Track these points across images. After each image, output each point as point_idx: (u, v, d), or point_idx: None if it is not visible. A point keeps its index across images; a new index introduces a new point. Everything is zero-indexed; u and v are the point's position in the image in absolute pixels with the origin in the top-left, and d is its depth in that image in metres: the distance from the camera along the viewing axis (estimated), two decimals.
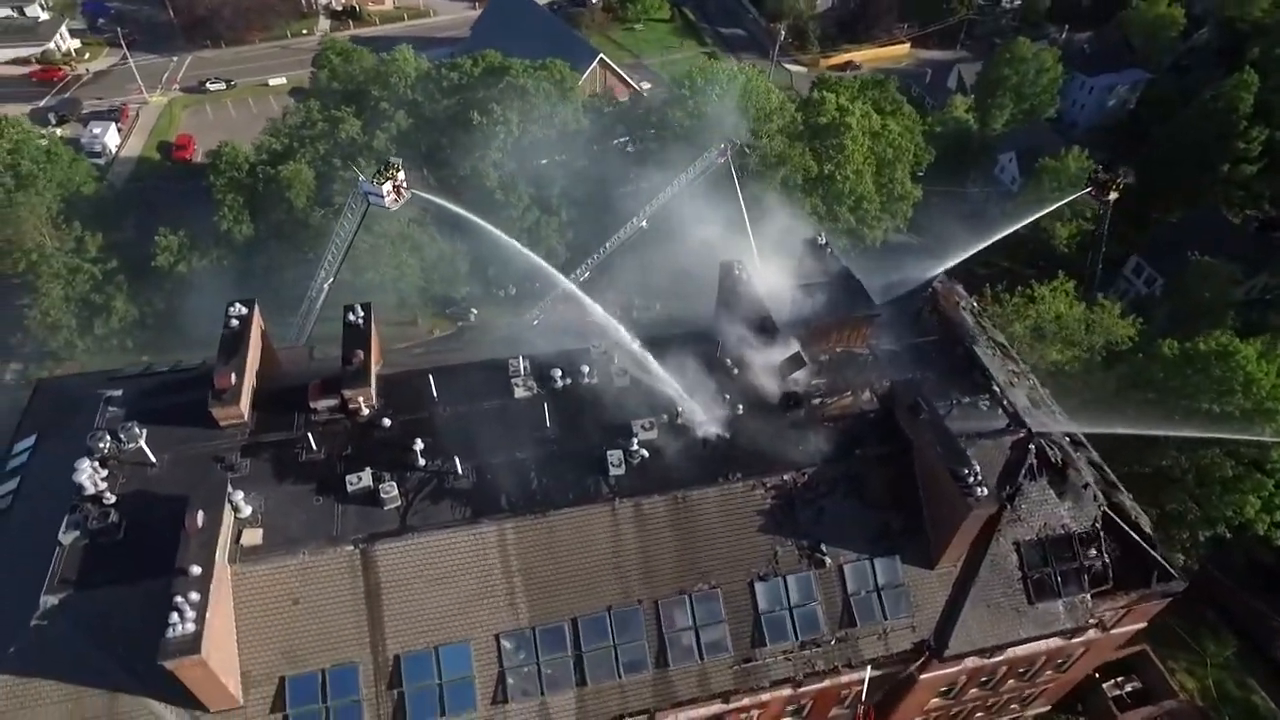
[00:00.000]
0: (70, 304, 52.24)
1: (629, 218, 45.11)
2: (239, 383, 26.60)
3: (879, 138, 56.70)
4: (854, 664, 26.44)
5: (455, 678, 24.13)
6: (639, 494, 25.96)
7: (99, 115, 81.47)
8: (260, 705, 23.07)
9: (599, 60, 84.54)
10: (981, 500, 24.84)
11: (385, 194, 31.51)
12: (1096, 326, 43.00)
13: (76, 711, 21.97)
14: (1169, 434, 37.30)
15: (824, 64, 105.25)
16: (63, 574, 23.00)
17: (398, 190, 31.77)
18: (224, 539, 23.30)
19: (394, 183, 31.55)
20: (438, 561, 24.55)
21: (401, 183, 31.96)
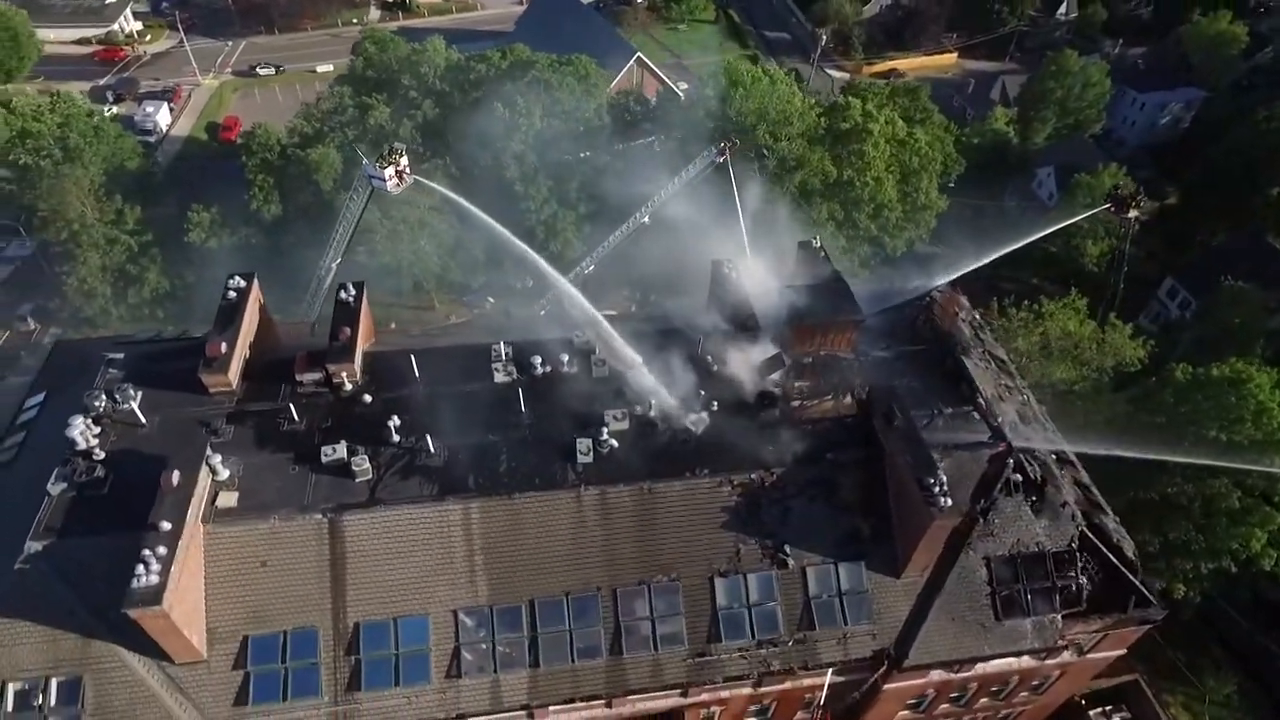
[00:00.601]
0: (106, 273, 54.52)
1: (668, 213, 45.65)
2: (229, 352, 27.65)
3: (904, 146, 56.06)
4: (811, 667, 26.39)
5: (411, 649, 24.79)
6: (605, 483, 26.31)
7: (153, 95, 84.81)
8: (223, 661, 24.02)
9: (636, 59, 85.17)
10: (945, 511, 24.63)
11: (388, 178, 32.33)
12: (1106, 347, 41.96)
13: (52, 652, 23.12)
14: (1174, 460, 36.27)
15: (867, 71, 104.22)
16: (49, 522, 24.22)
17: (400, 175, 32.56)
18: (199, 499, 24.31)
19: (396, 167, 32.35)
20: (402, 535, 25.24)
21: (404, 168, 32.75)
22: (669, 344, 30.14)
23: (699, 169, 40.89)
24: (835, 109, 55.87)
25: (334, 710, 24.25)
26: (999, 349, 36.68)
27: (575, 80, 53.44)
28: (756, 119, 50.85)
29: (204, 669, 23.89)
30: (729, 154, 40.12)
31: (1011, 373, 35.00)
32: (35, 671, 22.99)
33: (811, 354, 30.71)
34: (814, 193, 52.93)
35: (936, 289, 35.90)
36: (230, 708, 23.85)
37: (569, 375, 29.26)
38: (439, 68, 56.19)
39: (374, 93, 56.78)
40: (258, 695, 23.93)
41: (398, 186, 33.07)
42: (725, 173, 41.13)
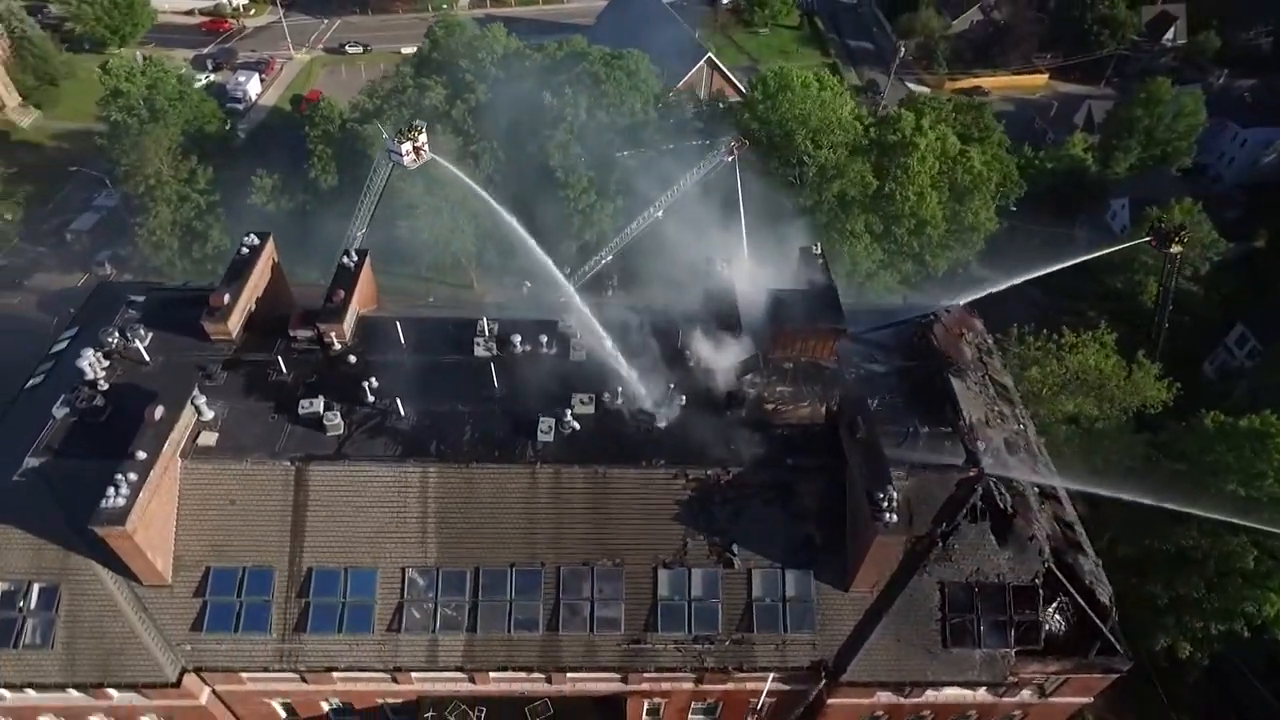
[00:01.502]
0: (175, 227, 58.32)
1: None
2: (231, 304, 29.47)
3: (956, 163, 54.57)
4: (746, 669, 26.35)
5: (358, 600, 25.98)
6: (561, 463, 26.90)
7: (248, 66, 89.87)
8: (185, 588, 25.74)
9: (706, 60, 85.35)
10: (888, 527, 24.20)
11: (405, 153, 33.72)
12: (1130, 385, 39.90)
13: (36, 560, 25.26)
14: (1185, 510, 34.36)
15: (949, 86, 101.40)
16: (48, 442, 26.45)
17: (417, 151, 33.89)
18: (180, 436, 26.12)
19: (414, 144, 33.69)
20: (362, 490, 26.46)
21: (423, 145, 34.06)
22: (651, 335, 30.47)
23: (710, 167, 41.00)
24: (887, 121, 54.87)
25: (280, 647, 25.67)
26: (1005, 375, 35.52)
27: (624, 75, 54.10)
28: (797, 124, 50.41)
29: (167, 593, 25.66)
30: (736, 153, 40.05)
31: (1013, 400, 33.86)
32: (20, 575, 25.17)
33: (792, 359, 30.52)
34: (853, 203, 52.13)
35: (945, 308, 35.14)
36: (187, 631, 25.56)
37: (546, 356, 29.98)
38: (496, 54, 57.77)
39: (435, 75, 58.83)
40: (212, 624, 25.57)
41: (414, 162, 34.42)
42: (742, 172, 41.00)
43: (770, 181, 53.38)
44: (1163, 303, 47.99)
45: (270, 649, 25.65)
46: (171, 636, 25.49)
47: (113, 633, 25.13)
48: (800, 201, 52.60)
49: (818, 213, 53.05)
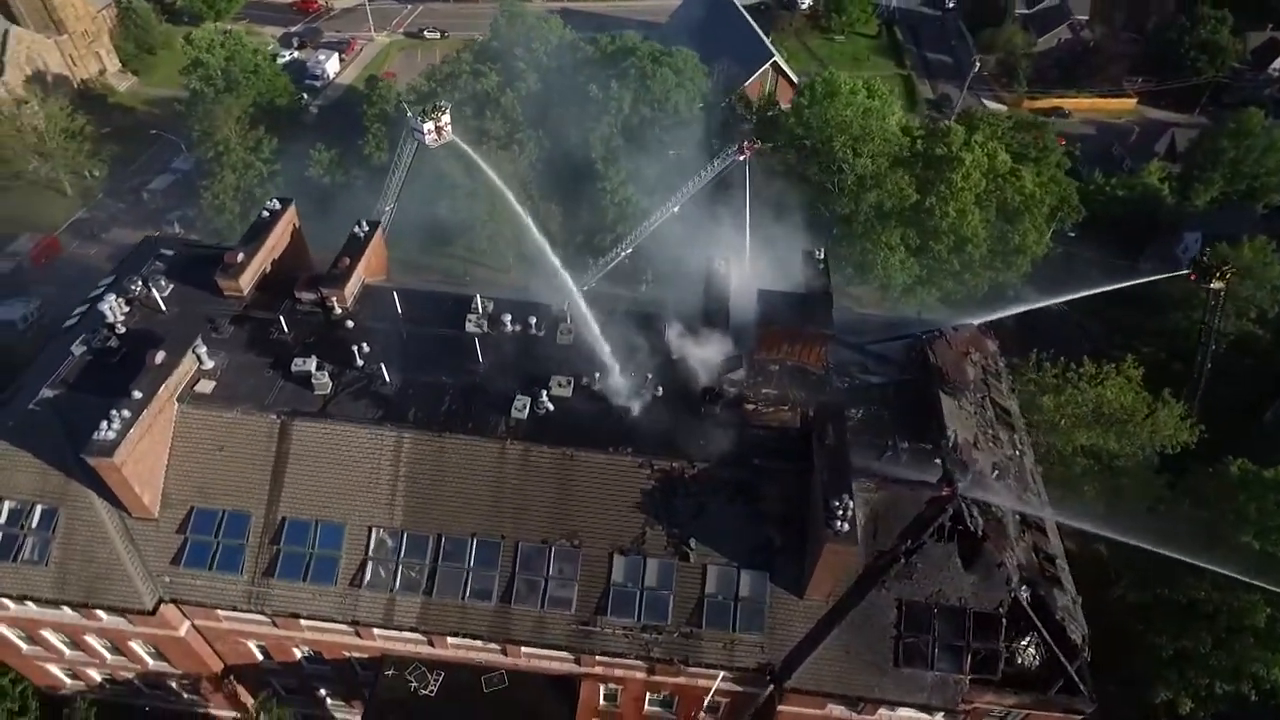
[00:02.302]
0: (238, 193, 61.38)
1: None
2: (245, 262, 31.12)
3: (1005, 181, 52.87)
4: (691, 662, 26.40)
5: (325, 552, 27.14)
6: (531, 441, 27.48)
7: (329, 45, 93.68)
8: (169, 523, 27.36)
9: (771, 64, 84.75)
10: (840, 535, 23.92)
11: (426, 132, 34.73)
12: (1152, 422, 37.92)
13: (41, 483, 27.22)
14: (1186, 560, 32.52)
15: (1028, 105, 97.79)
16: (64, 376, 28.50)
17: (439, 131, 34.83)
18: (179, 381, 27.81)
19: (436, 123, 34.65)
20: (339, 448, 27.60)
21: (445, 125, 34.98)
22: (641, 326, 30.80)
23: (723, 165, 40.93)
24: (936, 134, 53.58)
25: (249, 589, 27.03)
26: (1011, 400, 34.51)
27: (671, 73, 54.36)
28: (837, 131, 49.74)
29: (153, 526, 27.33)
30: (748, 152, 39.81)
31: (1014, 426, 32.89)
32: (26, 496, 27.21)
33: (779, 361, 30.31)
34: (890, 214, 51.15)
35: (954, 326, 34.33)
36: (167, 564, 27.17)
37: (534, 337, 30.66)
38: (550, 45, 58.83)
39: (492, 62, 60.32)
40: (190, 559, 27.13)
41: (436, 141, 35.40)
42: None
43: (808, 187, 52.98)
44: (1205, 341, 45.45)
45: (240, 589, 27.04)
46: (153, 568, 27.14)
47: (101, 558, 26.92)
48: (836, 209, 51.91)
49: (854, 222, 52.23)
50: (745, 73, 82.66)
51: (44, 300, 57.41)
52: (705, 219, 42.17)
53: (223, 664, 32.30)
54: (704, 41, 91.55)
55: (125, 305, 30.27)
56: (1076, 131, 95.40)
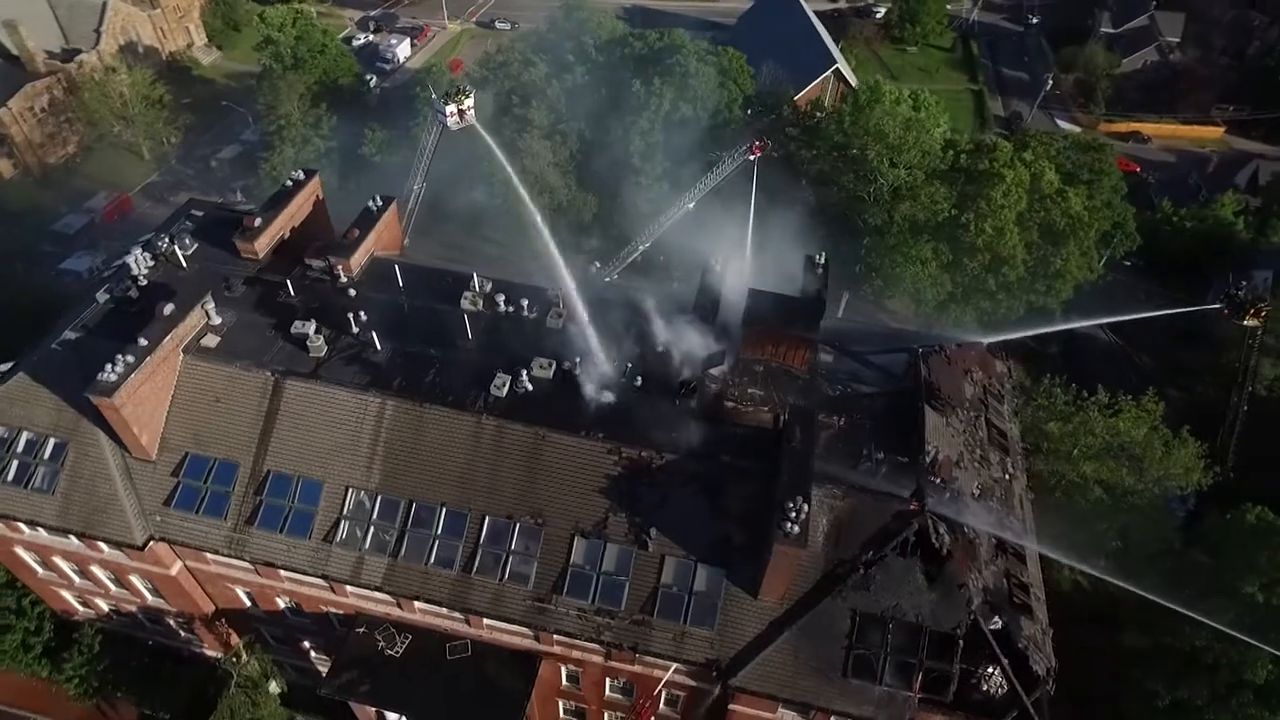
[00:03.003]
0: (295, 166, 63.88)
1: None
2: (262, 227, 32.69)
3: (1051, 202, 51.15)
4: (640, 650, 26.61)
5: (303, 507, 28.37)
6: (506, 418, 28.13)
7: (402, 31, 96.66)
8: (165, 466, 29.03)
9: (833, 71, 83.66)
10: (788, 537, 23.79)
11: (449, 114, 35.96)
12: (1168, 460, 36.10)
13: (57, 419, 29.25)
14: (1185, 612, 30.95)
15: (1104, 128, 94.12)
16: (85, 320, 30.54)
17: (461, 114, 36.04)
18: (186, 333, 29.47)
19: (459, 106, 35.85)
20: (325, 409, 28.80)
21: (468, 108, 36.17)
22: (633, 318, 31.15)
23: (734, 163, 40.87)
24: (981, 149, 52.20)
25: (230, 535, 28.47)
26: (1010, 423, 33.55)
27: (715, 72, 54.37)
28: (874, 140, 48.98)
29: (150, 467, 29.04)
30: (757, 151, 39.65)
31: (1008, 449, 31.99)
32: (41, 429, 29.27)
33: (763, 362, 30.23)
34: (923, 227, 50.11)
35: (955, 343, 33.62)
36: (159, 504, 28.83)
37: (525, 319, 31.34)
38: (600, 39, 59.54)
39: (544, 53, 61.44)
40: (180, 502, 28.73)
41: (458, 123, 36.62)
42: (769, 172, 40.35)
43: (842, 195, 52.34)
44: (1241, 380, 43.03)
45: (222, 535, 28.49)
46: (146, 506, 28.83)
47: (101, 492, 28.76)
48: (869, 219, 51.12)
49: (887, 233, 51.36)
50: (806, 79, 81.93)
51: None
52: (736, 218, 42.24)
53: (214, 606, 34.02)
54: (768, 44, 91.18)
55: (150, 259, 32.19)
56: (1154, 159, 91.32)
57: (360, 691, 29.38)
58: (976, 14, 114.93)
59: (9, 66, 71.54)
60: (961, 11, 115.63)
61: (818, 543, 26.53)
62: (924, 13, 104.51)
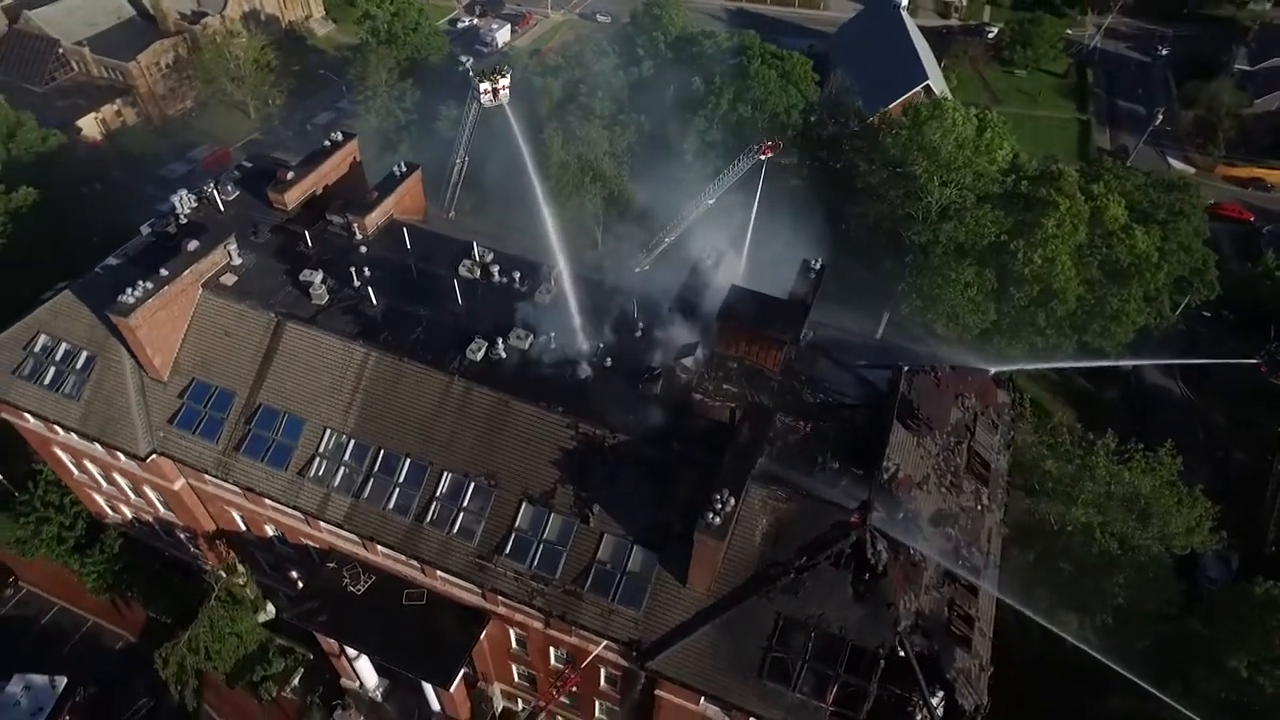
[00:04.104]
0: (376, 135, 67.65)
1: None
2: (293, 181, 35.13)
3: (1115, 239, 48.48)
4: (567, 619, 27.29)
5: (285, 441, 30.47)
6: (475, 381, 29.35)
7: (505, 17, 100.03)
8: (174, 388, 31.75)
9: (923, 86, 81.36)
10: (709, 527, 23.97)
11: (483, 92, 37.48)
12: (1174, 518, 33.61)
13: (93, 333, 32.37)
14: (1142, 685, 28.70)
15: (1222, 171, 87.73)
16: (127, 250, 33.68)
17: (495, 92, 37.49)
18: (207, 269, 32.12)
19: (493, 84, 37.31)
20: (315, 354, 30.80)
21: (502, 88, 37.58)
22: (619, 301, 31.85)
23: (746, 163, 40.71)
24: (1046, 176, 49.91)
25: (219, 458, 30.87)
26: (998, 456, 32.32)
27: (776, 75, 54.09)
28: (925, 156, 47.67)
29: (161, 388, 31.82)
30: (767, 152, 39.34)
31: (987, 480, 30.89)
32: (77, 341, 32.49)
33: (737, 359, 30.32)
34: (968, 250, 48.45)
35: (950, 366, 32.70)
36: (164, 421, 31.56)
37: (516, 291, 32.49)
38: (670, 35, 60.21)
39: (619, 45, 62.69)
40: (181, 421, 31.36)
41: (492, 102, 38.09)
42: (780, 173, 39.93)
43: (890, 210, 51.21)
44: None
45: (212, 456, 30.93)
46: (153, 422, 31.61)
47: (117, 404, 31.72)
48: (914, 237, 49.81)
49: (931, 253, 49.90)
50: (895, 93, 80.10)
51: None
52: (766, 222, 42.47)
53: (214, 526, 36.81)
54: (862, 56, 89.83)
55: (194, 201, 35.12)
56: (1275, 209, 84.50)
57: (318, 620, 31.30)
58: (1099, 40, 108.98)
59: (145, 24, 78.49)
60: (1083, 37, 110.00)
61: (754, 541, 26.56)
62: (1037, 35, 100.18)
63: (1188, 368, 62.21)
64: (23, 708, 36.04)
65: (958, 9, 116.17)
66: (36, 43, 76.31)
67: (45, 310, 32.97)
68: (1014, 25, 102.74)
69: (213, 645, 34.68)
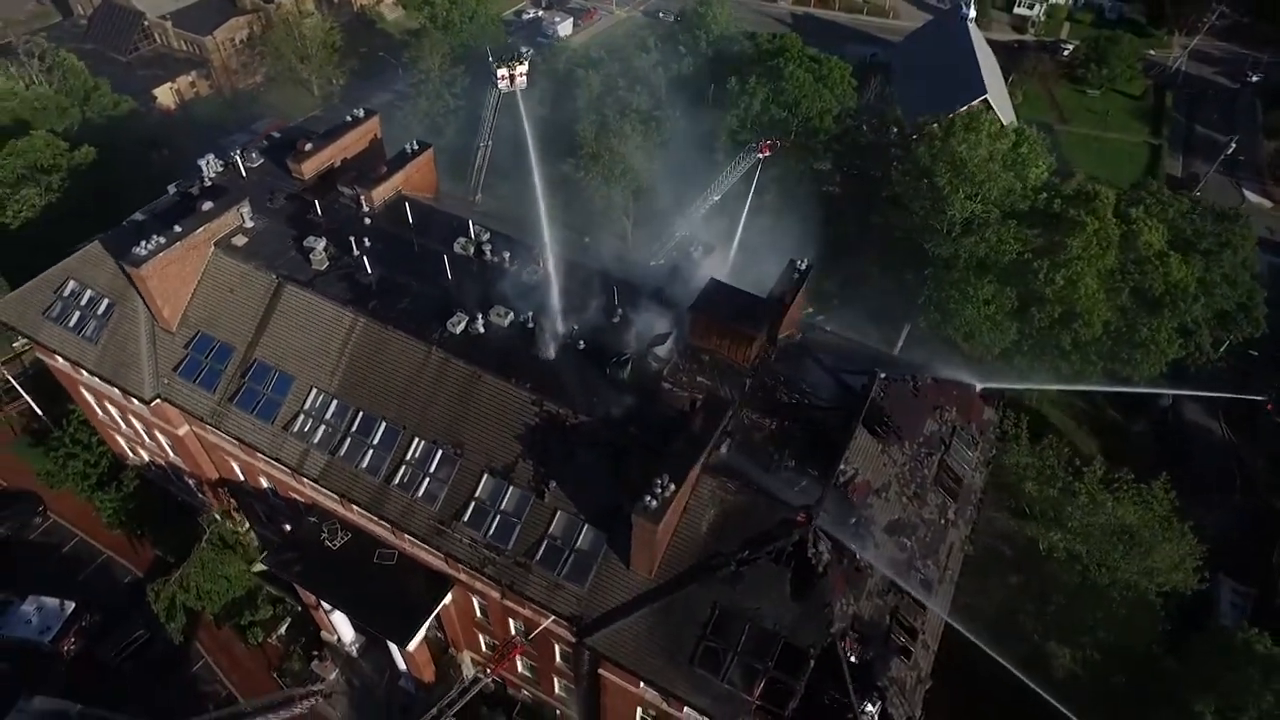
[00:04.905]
0: (426, 118, 69.72)
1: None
2: (311, 152, 36.82)
3: (1149, 265, 46.67)
4: (515, 589, 28.02)
5: (274, 396, 32.06)
6: (452, 353, 30.34)
7: (570, 11, 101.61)
8: (181, 338, 33.73)
9: (980, 100, 79.37)
10: (645, 510, 24.30)
11: (500, 77, 38.63)
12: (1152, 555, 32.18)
13: (114, 282, 34.58)
14: None
15: None
16: (154, 208, 35.91)
17: (511, 78, 38.68)
18: (220, 229, 34.02)
19: (511, 71, 38.45)
20: (309, 316, 32.30)
21: (519, 74, 38.74)
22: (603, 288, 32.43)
23: (748, 160, 40.71)
24: (1080, 196, 48.33)
25: (214, 406, 32.66)
26: (975, 472, 31.75)
27: (810, 78, 53.71)
28: (950, 168, 46.71)
29: (169, 337, 33.83)
30: (765, 150, 39.22)
31: (955, 495, 30.40)
32: (100, 289, 34.79)
33: (710, 352, 30.57)
34: (990, 266, 47.31)
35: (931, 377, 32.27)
36: (170, 369, 33.54)
37: (504, 270, 33.39)
38: (712, 33, 60.41)
39: (663, 42, 63.22)
40: (184, 370, 33.31)
41: (508, 87, 39.28)
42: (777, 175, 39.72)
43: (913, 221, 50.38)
44: None
45: (208, 405, 32.75)
46: (160, 369, 33.64)
47: (129, 350, 33.87)
48: (933, 249, 48.87)
49: (953, 267, 48.88)
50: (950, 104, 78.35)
51: None
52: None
53: (217, 474, 38.86)
54: (923, 66, 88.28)
55: (221, 165, 37.16)
56: None
57: (293, 570, 32.80)
58: (1183, 63, 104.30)
59: (223, 1, 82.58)
60: (1166, 59, 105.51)
61: (701, 531, 26.82)
62: (1114, 54, 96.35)
63: (1233, 407, 59.34)
64: (33, 625, 38.76)
65: (1034, 24, 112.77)
66: (125, 14, 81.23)
67: (76, 258, 35.43)
68: (1090, 43, 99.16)
69: (204, 585, 36.62)
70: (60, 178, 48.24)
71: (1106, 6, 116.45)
